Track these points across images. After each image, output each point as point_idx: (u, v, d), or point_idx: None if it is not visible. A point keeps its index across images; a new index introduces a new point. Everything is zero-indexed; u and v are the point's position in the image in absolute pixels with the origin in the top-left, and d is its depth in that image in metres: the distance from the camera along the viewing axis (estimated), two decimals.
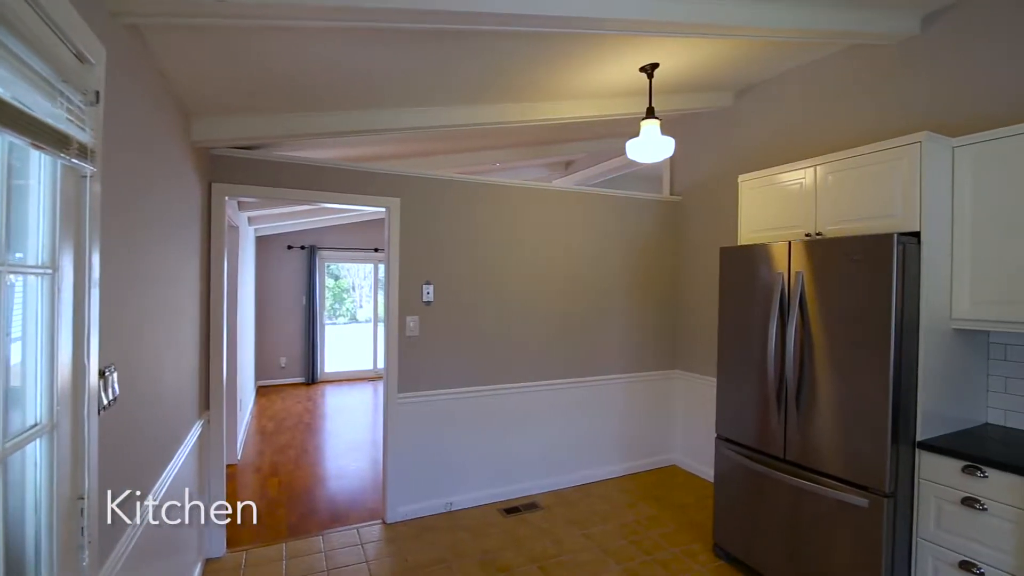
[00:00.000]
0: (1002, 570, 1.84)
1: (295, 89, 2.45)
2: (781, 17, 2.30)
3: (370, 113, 2.83)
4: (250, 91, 2.39)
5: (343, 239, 8.01)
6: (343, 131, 2.81)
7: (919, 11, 2.54)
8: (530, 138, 4.42)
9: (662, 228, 4.13)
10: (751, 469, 2.57)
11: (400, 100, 2.82)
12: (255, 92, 2.41)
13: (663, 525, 3.15)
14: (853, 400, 2.14)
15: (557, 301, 3.71)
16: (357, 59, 2.27)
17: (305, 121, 2.70)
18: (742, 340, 2.65)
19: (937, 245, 2.11)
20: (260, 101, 2.53)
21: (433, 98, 2.88)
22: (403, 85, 2.62)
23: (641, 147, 2.79)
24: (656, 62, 2.72)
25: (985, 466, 1.88)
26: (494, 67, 2.61)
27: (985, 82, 2.36)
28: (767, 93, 3.42)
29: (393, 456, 3.21)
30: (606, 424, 3.91)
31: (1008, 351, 2.26)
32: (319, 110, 2.73)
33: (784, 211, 2.63)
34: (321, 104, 2.68)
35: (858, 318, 2.12)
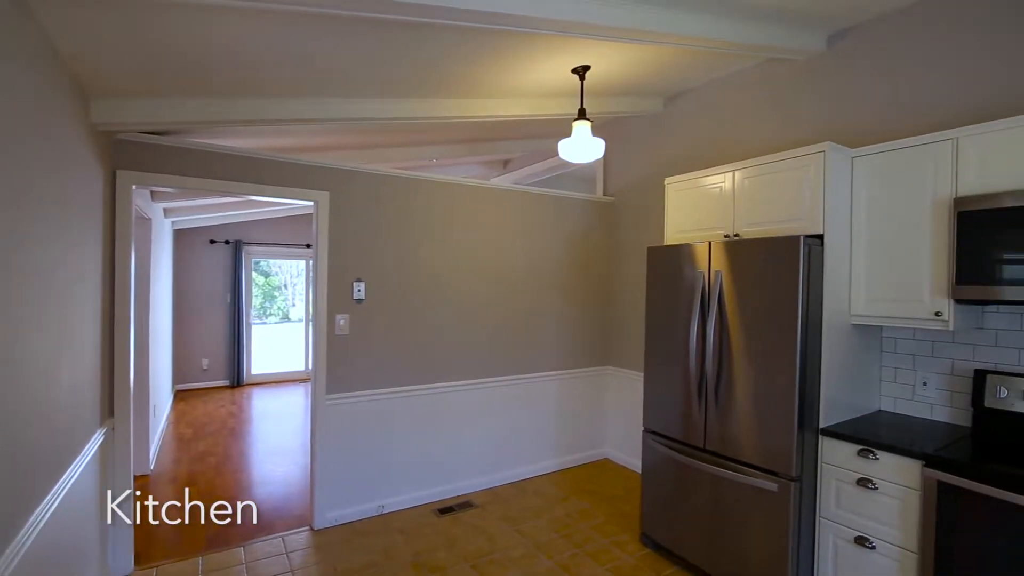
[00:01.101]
0: (890, 543, 2.02)
1: (207, 72, 2.30)
2: (702, 27, 2.41)
3: (293, 102, 2.71)
4: (156, 72, 2.22)
5: (273, 234, 7.63)
6: (264, 120, 2.68)
7: (825, 30, 2.75)
8: (467, 135, 4.39)
9: (596, 228, 4.23)
10: (675, 460, 2.68)
11: (327, 90, 2.72)
12: (161, 73, 2.24)
13: (594, 517, 3.23)
14: (765, 391, 2.29)
15: (493, 299, 3.71)
16: (278, 44, 2.16)
17: (221, 107, 2.53)
18: (667, 336, 2.76)
19: (838, 247, 2.29)
20: (169, 83, 2.35)
21: (363, 90, 2.80)
22: (330, 74, 2.53)
23: (572, 147, 2.84)
24: (587, 64, 2.77)
25: (876, 449, 2.06)
26: (428, 61, 2.57)
27: (879, 98, 2.58)
28: (694, 100, 3.58)
29: (322, 460, 3.09)
30: (541, 421, 3.96)
31: (897, 344, 2.49)
32: (236, 96, 2.57)
33: (706, 213, 2.76)
34: (239, 90, 2.53)
35: (769, 315, 2.27)
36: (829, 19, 2.62)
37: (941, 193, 2.07)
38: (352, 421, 3.18)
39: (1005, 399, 2.08)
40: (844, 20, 2.64)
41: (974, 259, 1.96)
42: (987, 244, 1.93)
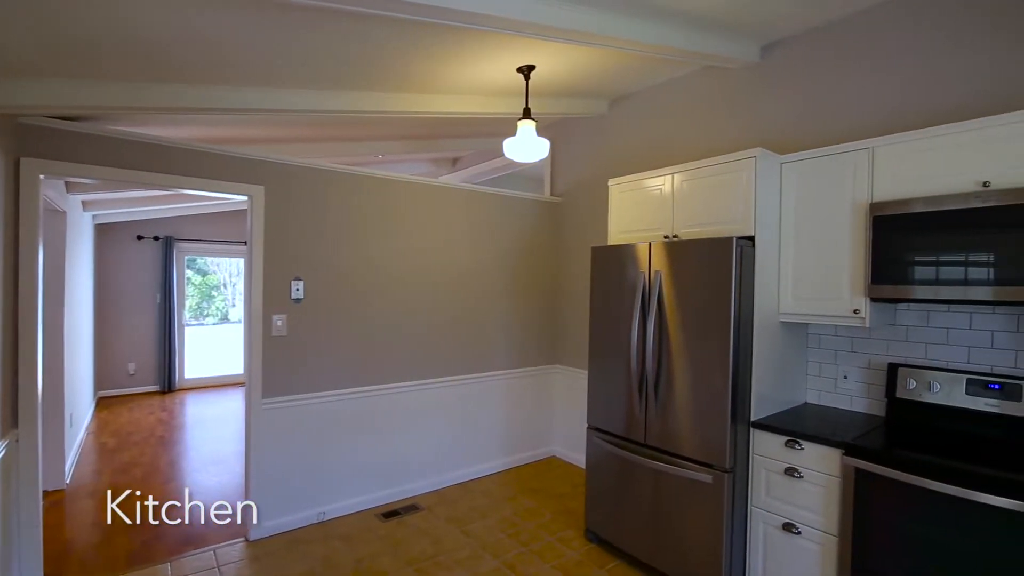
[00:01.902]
0: (814, 528, 2.14)
1: (116, 54, 2.13)
2: (642, 32, 2.46)
3: (225, 90, 2.57)
4: (56, 51, 2.03)
5: (208, 230, 7.24)
6: (191, 108, 2.52)
7: (758, 41, 2.88)
8: (414, 131, 4.32)
9: (544, 227, 4.26)
10: (618, 456, 2.74)
11: (262, 79, 2.59)
12: (62, 53, 2.06)
13: (540, 515, 3.25)
14: (701, 387, 2.37)
15: (440, 299, 3.67)
16: (205, 25, 2.03)
17: (132, 92, 2.36)
18: (610, 335, 2.81)
19: (768, 248, 2.40)
20: (73, 64, 2.17)
21: (301, 80, 2.69)
22: (265, 62, 2.41)
23: (517, 147, 2.85)
24: (532, 64, 2.79)
25: (802, 440, 2.18)
26: (370, 53, 2.50)
27: (806, 107, 2.73)
28: (637, 104, 3.67)
29: (258, 467, 2.95)
30: (489, 420, 3.95)
31: (821, 340, 2.64)
32: (160, 81, 2.41)
33: (648, 214, 2.84)
34: (162, 74, 2.37)
35: (705, 313, 2.35)
36: (761, 31, 2.75)
37: (859, 198, 2.21)
38: (291, 426, 3.05)
39: (914, 390, 2.25)
40: (775, 32, 2.77)
41: (888, 260, 2.10)
42: (899, 246, 2.08)
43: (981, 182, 1.90)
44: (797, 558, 2.19)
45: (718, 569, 2.28)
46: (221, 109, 2.64)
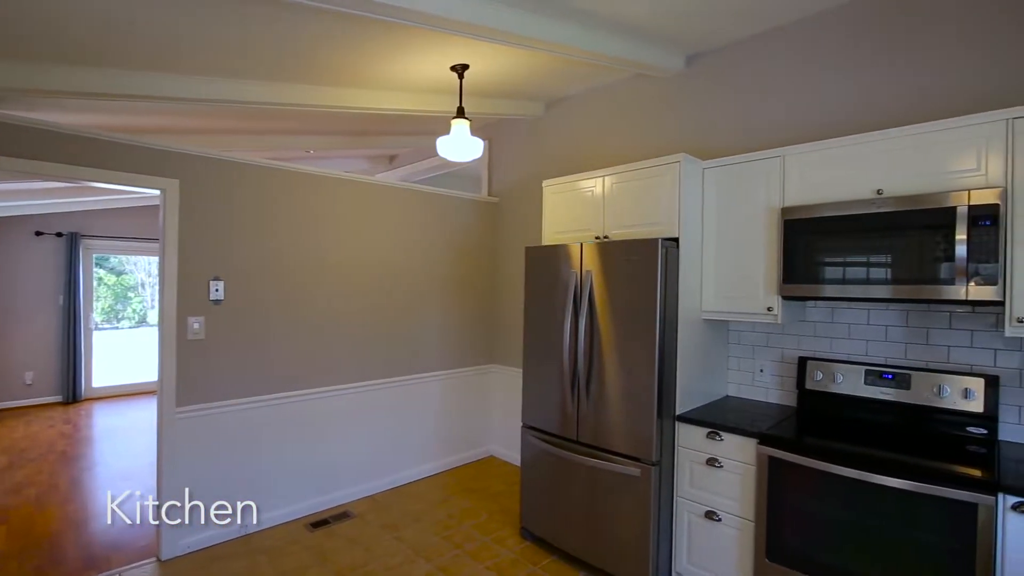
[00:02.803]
0: (732, 514, 2.26)
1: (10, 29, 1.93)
2: (573, 37, 2.51)
3: (133, 75, 2.37)
4: None
5: (122, 225, 6.67)
6: (96, 93, 2.31)
7: (683, 52, 3.01)
8: (346, 127, 4.19)
9: (481, 227, 4.25)
10: (551, 453, 2.77)
11: (173, 64, 2.42)
12: None
13: (476, 516, 3.23)
14: (629, 383, 2.44)
15: (374, 299, 3.57)
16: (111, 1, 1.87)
17: (35, 74, 2.14)
18: (543, 334, 2.84)
19: (691, 249, 2.51)
20: None
21: (221, 68, 2.53)
22: (177, 45, 2.25)
23: (451, 145, 2.82)
24: (466, 63, 2.77)
25: (721, 431, 2.29)
26: (297, 44, 2.39)
27: (727, 115, 2.88)
28: (572, 107, 3.74)
29: (171, 481, 2.75)
30: (425, 422, 3.89)
31: (741, 336, 2.79)
32: (60, 63, 2.19)
33: (580, 215, 2.89)
34: (61, 55, 2.16)
35: (632, 312, 2.42)
36: (686, 42, 2.87)
37: (772, 203, 2.35)
38: (209, 435, 2.87)
39: (821, 381, 2.42)
40: (698, 44, 2.90)
41: (797, 261, 2.25)
42: (807, 248, 2.23)
43: (876, 190, 2.08)
44: (718, 543, 2.30)
45: (645, 558, 2.36)
46: (127, 95, 2.44)
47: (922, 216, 1.94)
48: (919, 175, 1.99)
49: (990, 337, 2.10)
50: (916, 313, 2.27)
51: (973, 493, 1.67)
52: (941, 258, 1.90)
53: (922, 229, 1.95)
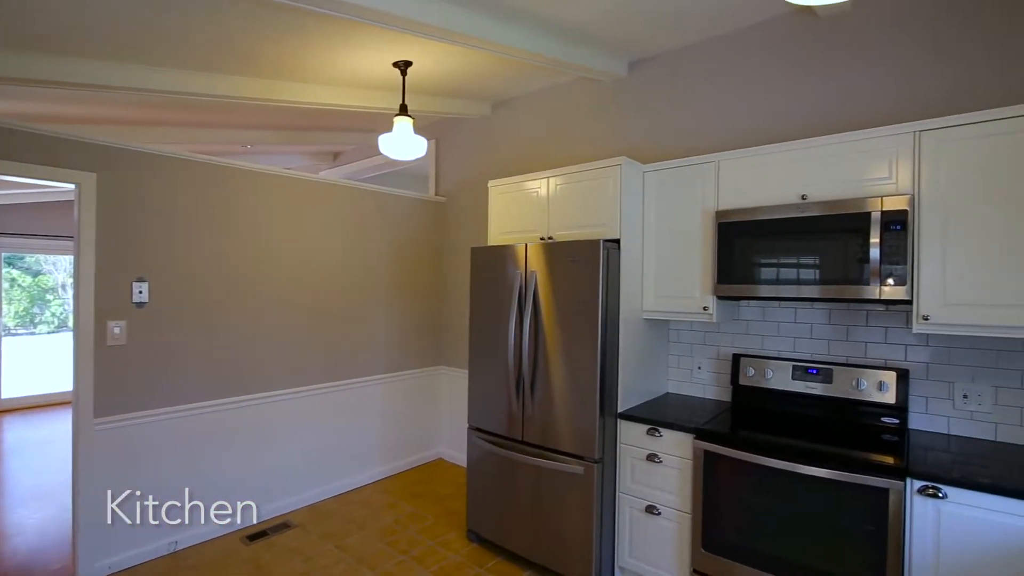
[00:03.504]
0: (671, 508, 2.33)
1: None
2: (516, 38, 2.51)
3: (44, 59, 2.19)
4: None
5: (37, 222, 6.15)
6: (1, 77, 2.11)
7: (625, 57, 3.07)
8: (286, 121, 4.03)
9: (428, 227, 4.19)
10: (497, 454, 2.76)
11: (94, 49, 2.25)
12: None
13: (422, 520, 3.19)
14: (572, 382, 2.47)
15: (317, 300, 3.45)
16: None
17: None
18: (489, 334, 2.83)
19: (633, 250, 2.57)
20: None
21: (149, 55, 2.38)
22: (98, 28, 2.09)
23: (393, 143, 2.77)
24: (409, 60, 2.72)
25: (661, 427, 2.36)
26: (232, 33, 2.27)
27: (667, 120, 2.97)
28: (519, 108, 3.75)
29: (89, 498, 2.55)
30: (370, 426, 3.79)
31: (680, 335, 2.89)
32: None
33: (526, 216, 2.90)
34: None
35: (575, 312, 2.45)
36: (627, 48, 2.94)
37: (707, 206, 2.44)
38: (133, 447, 2.68)
39: (753, 377, 2.54)
40: (640, 51, 2.98)
41: (730, 262, 2.34)
42: (739, 250, 2.32)
43: (801, 195, 2.20)
44: (658, 536, 2.37)
45: (589, 555, 2.39)
46: (37, 81, 2.25)
47: (842, 220, 2.06)
48: (839, 182, 2.12)
49: (901, 333, 2.26)
50: (838, 312, 2.42)
51: (885, 479, 1.79)
52: (858, 260, 2.03)
53: (842, 233, 2.07)
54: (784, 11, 2.52)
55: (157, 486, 2.75)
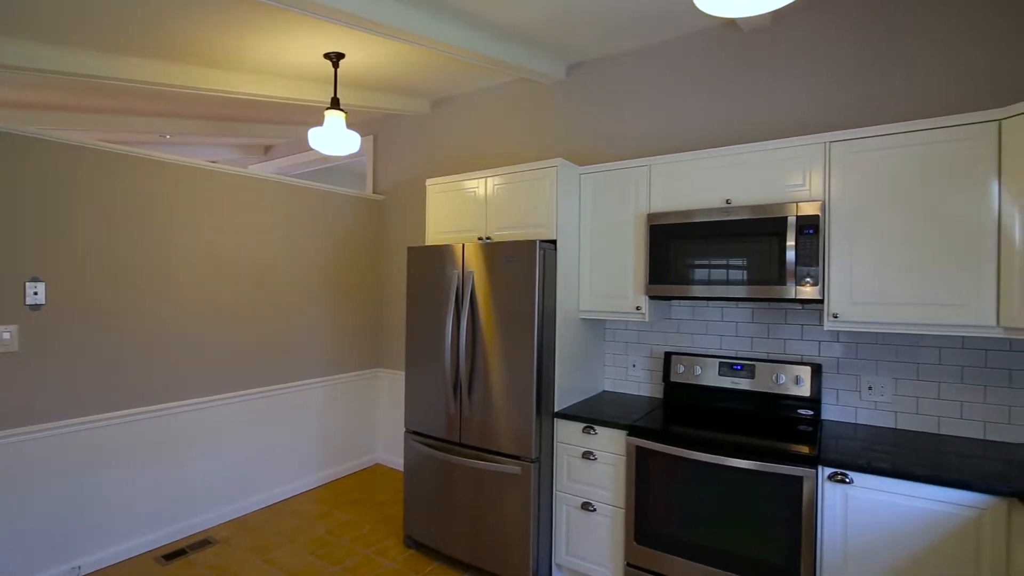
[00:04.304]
0: (606, 503, 2.37)
1: None
2: (455, 35, 2.48)
3: None
4: None
5: None
6: None
7: (564, 60, 3.11)
8: (209, 110, 3.78)
9: (366, 226, 4.07)
10: (434, 457, 2.72)
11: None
12: None
13: (357, 528, 3.08)
14: (509, 382, 2.47)
15: (245, 302, 3.26)
16: None
17: None
18: (426, 336, 2.78)
19: (569, 251, 2.60)
20: None
21: (44, 31, 2.15)
22: None
23: (324, 138, 2.66)
24: (342, 52, 2.62)
25: (596, 425, 2.40)
26: (144, 10, 2.09)
27: (602, 123, 3.03)
28: (460, 106, 3.71)
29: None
30: (304, 433, 3.63)
31: (616, 334, 2.95)
32: None
33: (464, 215, 2.87)
34: None
35: (512, 312, 2.45)
36: (565, 51, 2.97)
37: (640, 208, 2.51)
38: (23, 466, 2.42)
39: (683, 374, 2.63)
40: (577, 55, 3.02)
41: (660, 263, 2.42)
42: (669, 251, 2.40)
43: (725, 199, 2.30)
44: (593, 533, 2.41)
45: (526, 554, 2.39)
46: None
47: (762, 224, 2.18)
48: (760, 188, 2.23)
49: (815, 331, 2.42)
50: (760, 310, 2.55)
51: (799, 468, 1.90)
52: (777, 262, 2.15)
53: (762, 236, 2.19)
54: (714, 23, 2.63)
55: (55, 507, 2.50)
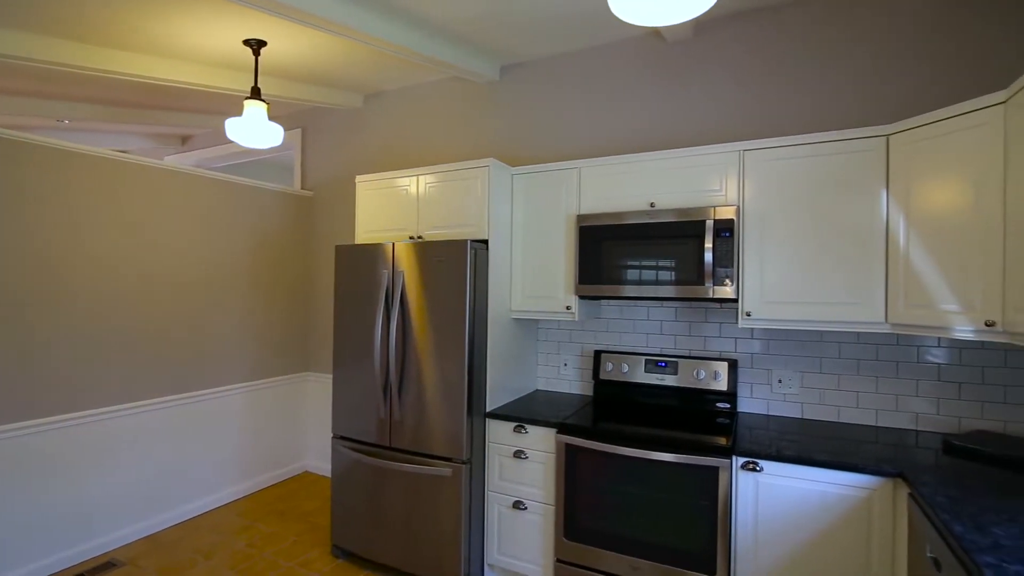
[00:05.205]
0: (537, 501, 2.39)
1: None
2: (383, 29, 2.42)
3: None
4: None
5: None
6: None
7: (498, 61, 3.12)
8: (114, 95, 3.49)
9: (293, 223, 3.89)
10: (364, 463, 2.64)
11: None
12: None
13: (281, 540, 2.94)
14: (440, 384, 2.44)
15: (158, 303, 3.02)
16: None
17: None
18: (355, 337, 2.70)
19: (501, 251, 2.61)
20: None
21: None
22: None
23: (243, 129, 2.52)
24: (263, 39, 2.49)
25: (526, 424, 2.42)
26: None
27: (535, 125, 3.07)
28: (393, 102, 3.63)
29: None
30: (226, 442, 3.42)
31: (548, 334, 2.99)
32: None
33: (395, 214, 2.81)
34: None
35: (443, 312, 2.43)
36: (498, 52, 2.98)
37: (570, 210, 2.56)
38: None
39: (611, 371, 2.71)
40: (509, 56, 3.04)
41: (589, 264, 2.47)
42: (598, 252, 2.46)
43: (650, 203, 2.39)
44: (524, 531, 2.42)
45: (457, 556, 2.38)
46: None
47: (684, 227, 2.28)
48: (681, 192, 2.33)
49: (732, 328, 2.56)
50: (682, 309, 2.67)
51: (716, 458, 2.00)
52: (697, 263, 2.25)
53: (684, 238, 2.28)
54: (641, 32, 2.73)
55: None
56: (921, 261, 1.89)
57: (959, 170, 1.79)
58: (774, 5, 2.47)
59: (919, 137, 1.90)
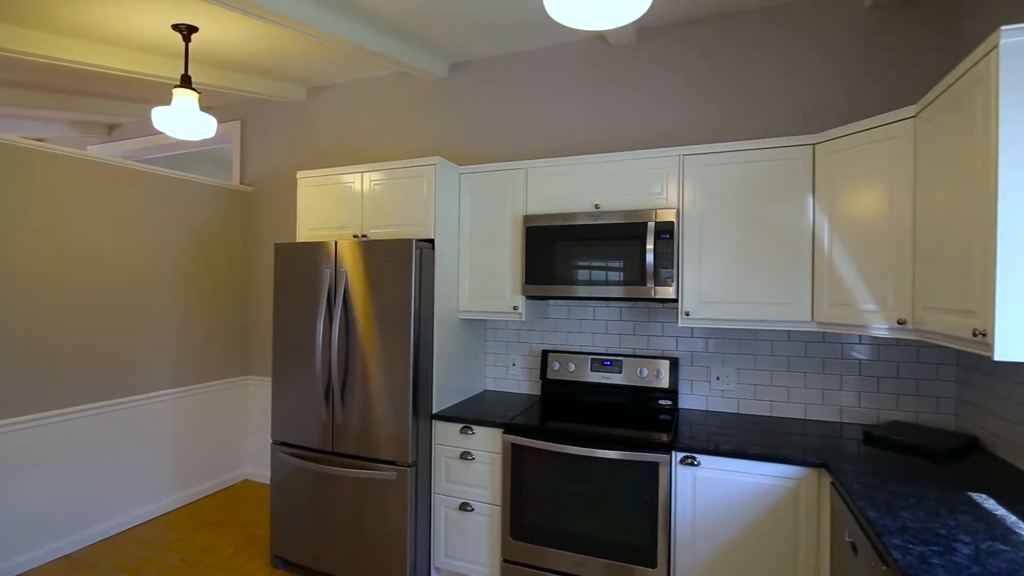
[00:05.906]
0: (483, 502, 2.38)
1: None
2: (321, 19, 2.34)
3: None
4: None
5: None
6: None
7: (447, 59, 3.08)
8: (32, 79, 3.22)
9: (231, 220, 3.72)
10: (305, 469, 2.55)
11: None
12: None
13: (217, 553, 2.80)
14: (385, 386, 2.39)
15: (77, 303, 2.80)
16: None
17: None
18: (296, 339, 2.60)
19: (447, 251, 2.58)
20: None
21: None
22: None
23: (172, 119, 2.38)
24: (194, 25, 2.36)
25: (473, 424, 2.40)
26: None
27: (482, 123, 3.05)
28: (338, 96, 3.52)
29: None
30: (157, 451, 3.22)
31: (496, 334, 2.99)
32: None
33: (338, 212, 2.73)
34: None
35: (388, 312, 2.38)
36: (447, 49, 2.95)
37: (517, 210, 2.56)
38: None
39: (559, 371, 2.74)
40: (460, 54, 3.01)
41: (536, 264, 2.49)
42: (544, 253, 2.48)
43: (595, 204, 2.42)
44: (471, 532, 2.41)
45: (403, 561, 2.34)
46: None
47: (627, 228, 2.32)
48: (625, 194, 2.38)
49: (673, 327, 2.64)
50: (627, 309, 2.73)
51: (656, 454, 2.06)
52: (639, 264, 2.30)
53: (627, 239, 2.33)
54: (586, 35, 2.76)
55: None
56: (843, 263, 2.01)
57: (875, 179, 1.91)
58: (719, 14, 2.56)
59: (842, 147, 2.01)
